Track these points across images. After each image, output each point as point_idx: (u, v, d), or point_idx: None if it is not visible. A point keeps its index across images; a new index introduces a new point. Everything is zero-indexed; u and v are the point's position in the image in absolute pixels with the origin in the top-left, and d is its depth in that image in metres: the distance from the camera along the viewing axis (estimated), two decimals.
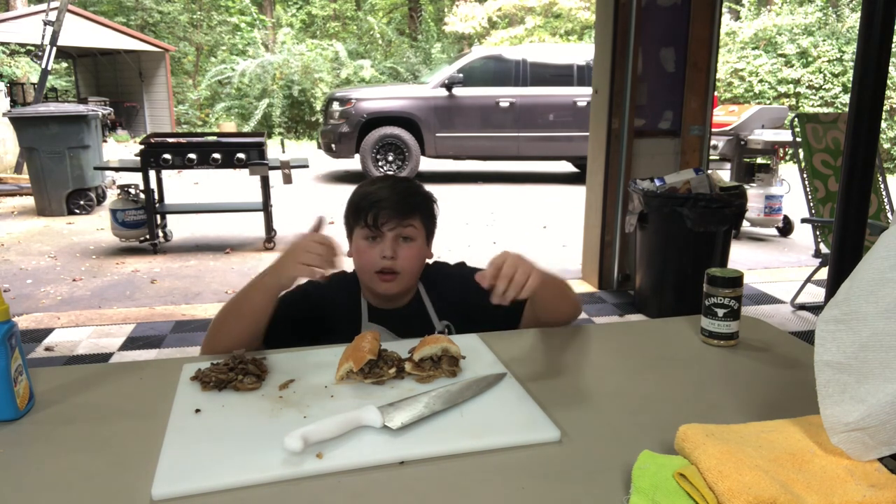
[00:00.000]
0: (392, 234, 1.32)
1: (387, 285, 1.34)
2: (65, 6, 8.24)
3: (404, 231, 1.33)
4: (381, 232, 1.32)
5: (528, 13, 17.34)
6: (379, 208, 1.31)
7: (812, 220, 3.66)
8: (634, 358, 1.18)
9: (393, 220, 1.32)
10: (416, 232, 1.35)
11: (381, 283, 1.33)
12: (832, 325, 0.78)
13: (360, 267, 1.37)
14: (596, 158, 4.09)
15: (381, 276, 1.33)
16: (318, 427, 0.84)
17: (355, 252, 1.37)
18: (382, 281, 1.33)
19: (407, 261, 1.33)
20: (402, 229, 1.33)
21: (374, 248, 1.32)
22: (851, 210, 2.10)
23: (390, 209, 1.31)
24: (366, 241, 1.34)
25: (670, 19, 3.89)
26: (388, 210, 1.31)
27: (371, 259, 1.32)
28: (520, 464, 0.83)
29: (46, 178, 6.19)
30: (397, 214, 1.32)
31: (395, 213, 1.32)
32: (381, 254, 1.31)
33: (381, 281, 1.33)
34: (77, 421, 0.95)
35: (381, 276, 1.33)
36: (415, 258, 1.36)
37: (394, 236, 1.32)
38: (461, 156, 8.72)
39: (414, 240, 1.35)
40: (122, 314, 3.65)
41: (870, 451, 0.76)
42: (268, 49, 16.72)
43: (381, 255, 1.31)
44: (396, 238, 1.33)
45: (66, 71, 17.13)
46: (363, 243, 1.34)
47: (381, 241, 1.32)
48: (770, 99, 12.38)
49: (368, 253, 1.33)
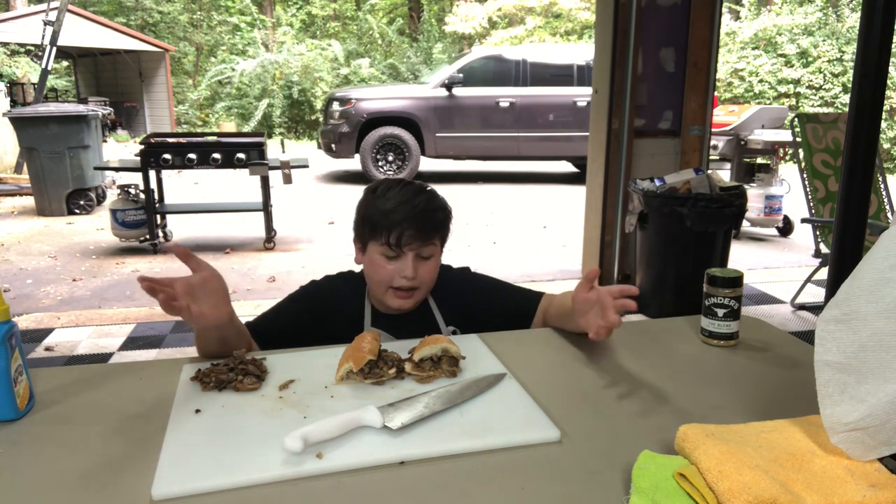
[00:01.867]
0: (413, 255, 1.30)
1: (402, 301, 1.32)
2: (65, 6, 8.23)
3: (425, 251, 1.31)
4: (403, 252, 1.29)
5: (529, 13, 17.34)
6: (402, 230, 1.28)
7: (812, 220, 3.66)
8: (634, 358, 1.18)
9: (416, 242, 1.29)
10: (435, 250, 1.34)
11: (397, 299, 1.32)
12: (832, 325, 0.78)
13: (374, 280, 1.34)
14: (596, 158, 4.09)
15: (397, 292, 1.31)
16: (318, 427, 0.84)
17: (369, 263, 1.34)
18: (398, 297, 1.32)
19: (425, 277, 1.32)
20: (423, 249, 1.31)
21: (392, 264, 1.30)
22: (851, 210, 2.10)
23: (413, 232, 1.28)
24: (383, 257, 1.31)
25: (670, 19, 3.89)
26: (412, 233, 1.28)
27: (389, 275, 1.30)
28: (520, 464, 0.83)
29: (46, 178, 6.19)
30: (420, 237, 1.29)
31: (418, 236, 1.29)
32: (400, 273, 1.29)
33: (397, 297, 1.32)
34: (77, 421, 0.95)
35: (397, 292, 1.31)
36: (432, 272, 1.35)
37: (415, 256, 1.30)
38: (461, 156, 8.72)
39: (433, 256, 1.34)
40: (122, 314, 3.65)
41: (870, 451, 0.76)
42: (268, 49, 16.72)
43: (400, 274, 1.29)
44: (417, 257, 1.31)
45: (66, 71, 17.13)
46: (379, 259, 1.31)
47: (401, 260, 1.30)
48: (770, 99, 12.38)
49: (386, 269, 1.31)
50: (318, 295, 1.40)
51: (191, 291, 1.02)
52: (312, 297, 1.39)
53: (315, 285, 1.42)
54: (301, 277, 4.64)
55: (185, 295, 1.00)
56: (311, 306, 1.38)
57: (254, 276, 4.44)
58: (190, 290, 1.02)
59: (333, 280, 1.44)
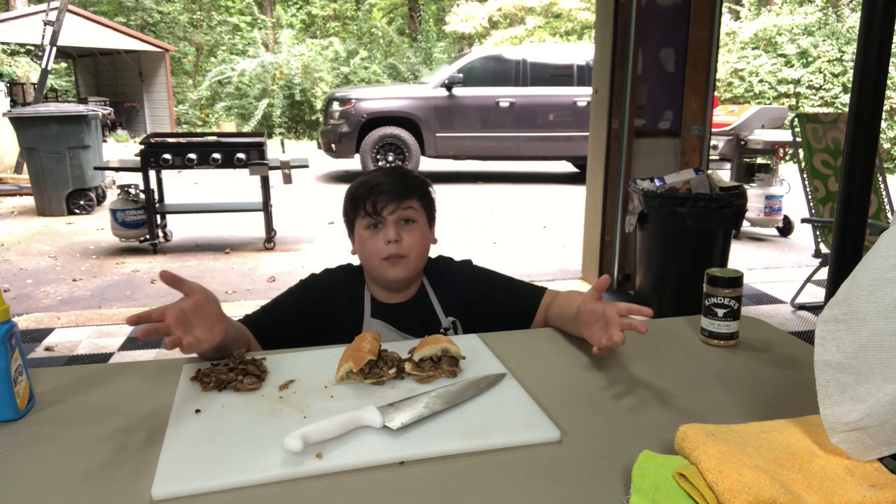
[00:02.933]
0: (393, 218, 1.32)
1: (395, 269, 1.33)
2: (65, 6, 8.24)
3: (405, 213, 1.33)
4: (382, 217, 1.32)
5: (529, 13, 17.35)
6: (377, 193, 1.31)
7: (812, 220, 3.66)
8: (634, 358, 1.18)
9: (392, 203, 1.32)
10: (416, 214, 1.35)
11: (390, 267, 1.33)
12: (832, 325, 0.78)
13: (365, 257, 1.36)
14: (596, 158, 4.09)
15: (389, 260, 1.32)
16: (318, 427, 0.84)
17: (359, 243, 1.36)
18: (391, 265, 1.32)
19: (412, 243, 1.33)
20: (403, 212, 1.33)
21: (378, 235, 1.32)
22: (851, 210, 2.10)
23: (388, 192, 1.31)
24: (368, 230, 1.34)
25: (670, 19, 3.89)
26: (387, 194, 1.31)
27: (376, 247, 1.32)
28: (520, 464, 0.83)
29: (46, 178, 6.19)
30: (396, 197, 1.32)
31: (394, 196, 1.32)
32: (385, 239, 1.31)
33: (390, 265, 1.33)
34: (77, 421, 0.95)
35: (389, 260, 1.32)
36: (419, 240, 1.35)
37: (395, 220, 1.32)
38: (461, 156, 8.72)
39: (416, 221, 1.35)
40: (122, 314, 3.65)
41: (870, 451, 0.76)
42: (268, 49, 16.73)
43: (385, 240, 1.31)
44: (398, 221, 1.32)
45: (66, 71, 17.13)
46: (365, 233, 1.34)
47: (384, 228, 1.32)
48: (770, 99, 12.38)
49: (372, 241, 1.33)
50: (317, 287, 1.40)
51: (183, 319, 1.02)
52: (312, 290, 1.40)
53: (315, 278, 1.43)
54: (301, 277, 4.64)
55: (177, 325, 1.00)
56: (311, 298, 1.38)
57: (254, 276, 4.44)
58: (182, 317, 1.02)
59: (333, 272, 1.45)
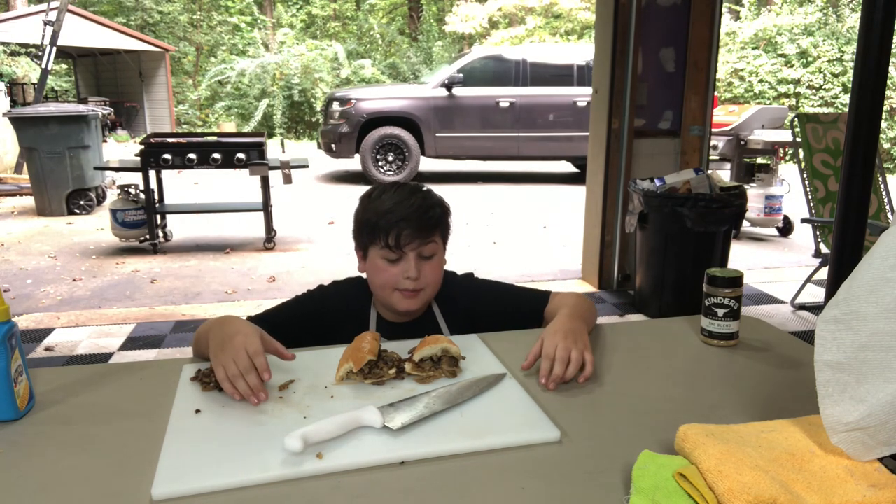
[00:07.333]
0: (415, 254, 1.28)
1: (409, 302, 1.30)
2: (65, 6, 8.24)
3: (426, 249, 1.30)
4: (404, 252, 1.28)
5: (529, 13, 17.34)
6: (400, 229, 1.26)
7: (812, 220, 3.66)
8: (634, 358, 1.18)
9: (415, 240, 1.28)
10: (436, 248, 1.33)
11: (403, 300, 1.30)
12: (832, 325, 0.78)
13: (378, 285, 1.33)
14: (596, 158, 4.09)
15: (403, 293, 1.29)
16: (318, 427, 0.84)
17: (373, 270, 1.33)
18: (404, 298, 1.30)
19: (429, 276, 1.31)
20: (425, 247, 1.29)
21: (395, 267, 1.28)
22: (851, 210, 2.10)
23: (412, 230, 1.26)
24: (385, 261, 1.30)
25: (670, 19, 3.89)
26: (410, 231, 1.26)
27: (392, 278, 1.29)
28: (520, 464, 0.83)
29: (46, 178, 6.19)
30: (420, 235, 1.27)
31: (418, 234, 1.27)
32: (404, 274, 1.27)
33: (403, 298, 1.30)
34: (77, 421, 0.95)
35: (403, 293, 1.29)
36: (436, 273, 1.33)
37: (416, 255, 1.29)
38: (461, 156, 8.72)
39: (435, 254, 1.32)
40: (121, 314, 3.65)
41: (870, 451, 0.76)
42: (268, 49, 16.72)
43: (404, 275, 1.27)
44: (419, 257, 1.29)
45: (66, 71, 17.13)
46: (381, 263, 1.30)
47: (403, 261, 1.28)
48: (770, 99, 12.37)
49: (389, 272, 1.29)
50: (324, 299, 1.39)
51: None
52: (318, 301, 1.38)
53: (322, 290, 1.41)
54: (301, 277, 4.66)
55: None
56: (317, 309, 1.37)
57: (254, 276, 4.44)
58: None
59: (342, 285, 1.43)
